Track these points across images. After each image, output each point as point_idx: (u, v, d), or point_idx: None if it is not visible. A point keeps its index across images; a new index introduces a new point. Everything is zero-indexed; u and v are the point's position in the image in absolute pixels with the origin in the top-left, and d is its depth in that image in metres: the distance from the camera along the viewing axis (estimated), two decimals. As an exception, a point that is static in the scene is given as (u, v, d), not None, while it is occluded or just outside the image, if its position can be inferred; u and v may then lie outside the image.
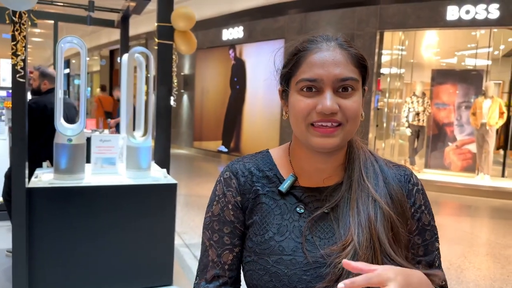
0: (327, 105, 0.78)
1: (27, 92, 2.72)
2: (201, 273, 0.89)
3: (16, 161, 2.66)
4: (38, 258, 2.71)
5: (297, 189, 0.87)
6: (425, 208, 0.88)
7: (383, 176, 0.87)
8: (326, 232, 0.83)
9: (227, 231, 0.87)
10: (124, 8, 6.12)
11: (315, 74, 0.80)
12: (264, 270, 0.82)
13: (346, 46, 0.83)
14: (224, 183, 0.89)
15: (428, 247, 0.87)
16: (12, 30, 2.53)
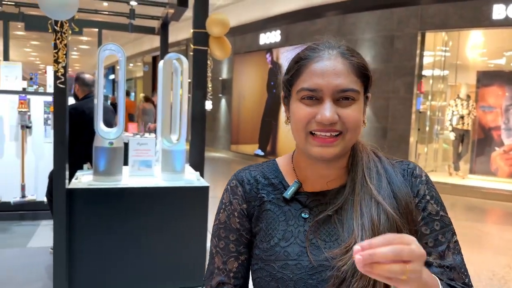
0: (326, 115, 0.79)
1: (67, 98, 2.85)
2: (207, 280, 0.90)
3: (57, 163, 2.79)
4: (77, 255, 2.83)
5: (302, 194, 0.88)
6: (430, 198, 0.85)
7: (386, 176, 0.86)
8: (330, 235, 0.83)
9: (232, 239, 0.89)
10: (164, 15, 6.30)
11: (315, 84, 0.80)
12: (271, 276, 0.82)
13: (348, 55, 0.83)
14: (231, 191, 0.91)
15: (438, 238, 0.83)
16: (54, 38, 2.66)
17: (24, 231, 4.38)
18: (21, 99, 4.60)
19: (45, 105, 4.79)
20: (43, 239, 4.02)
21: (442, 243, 0.83)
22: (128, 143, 3.34)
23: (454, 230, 0.87)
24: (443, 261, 0.82)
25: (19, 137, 4.68)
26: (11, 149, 4.70)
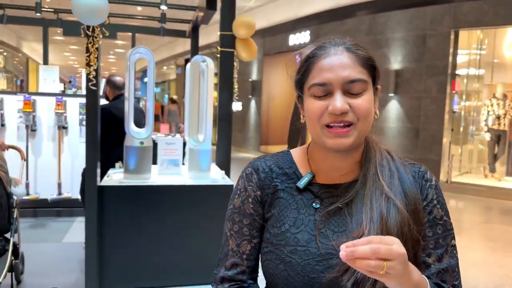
0: (337, 106, 0.83)
1: (99, 99, 2.99)
2: (221, 261, 0.95)
3: (89, 161, 2.93)
4: (107, 249, 2.96)
5: (314, 185, 0.92)
6: (437, 203, 0.90)
7: (398, 175, 0.89)
8: (339, 226, 0.87)
9: (246, 223, 0.93)
10: (194, 19, 6.44)
11: (325, 78, 0.84)
12: (280, 259, 0.87)
13: (353, 49, 0.87)
14: (246, 178, 0.96)
15: (439, 241, 0.88)
16: (86, 43, 2.80)
17: (60, 227, 4.60)
18: (58, 101, 4.83)
19: (80, 106, 5.00)
20: (77, 234, 4.20)
21: (442, 246, 0.88)
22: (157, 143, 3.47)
23: (454, 235, 0.91)
24: (440, 264, 0.87)
25: (56, 137, 4.92)
26: (49, 149, 4.94)
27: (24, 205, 4.61)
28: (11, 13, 8.25)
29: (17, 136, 4.76)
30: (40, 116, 4.90)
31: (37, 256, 3.56)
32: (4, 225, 2.80)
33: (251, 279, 0.94)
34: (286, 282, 0.86)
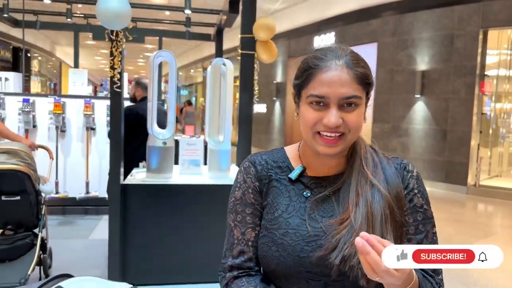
0: (332, 120, 0.90)
1: (122, 101, 3.10)
2: (228, 251, 1.01)
3: (112, 160, 3.04)
4: (130, 245, 3.06)
5: (305, 177, 1.01)
6: (418, 192, 0.97)
7: (381, 165, 0.97)
8: (327, 212, 0.95)
9: (248, 212, 1.00)
10: (218, 22, 6.55)
11: (323, 92, 0.91)
12: (272, 242, 0.94)
13: (352, 66, 0.92)
14: (245, 172, 1.03)
15: (419, 227, 0.95)
16: (110, 47, 2.92)
17: (87, 224, 4.77)
18: (86, 103, 5.01)
19: (107, 108, 5.16)
20: (103, 232, 4.33)
21: (422, 232, 0.95)
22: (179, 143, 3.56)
23: (434, 223, 0.97)
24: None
25: (84, 138, 5.10)
26: (77, 149, 5.13)
27: (53, 203, 4.81)
28: (44, 19, 8.61)
29: (47, 137, 4.96)
30: (69, 117, 5.09)
31: (65, 251, 3.71)
32: (33, 221, 2.94)
33: (257, 266, 0.99)
34: (278, 262, 0.93)
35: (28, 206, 2.88)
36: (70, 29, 9.13)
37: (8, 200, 2.83)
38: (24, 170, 2.79)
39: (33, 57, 15.81)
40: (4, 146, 2.89)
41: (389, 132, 8.84)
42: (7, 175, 2.77)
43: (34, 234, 2.94)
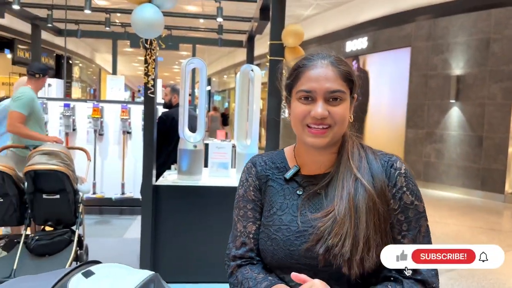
0: (318, 111, 0.98)
1: (156, 106, 3.26)
2: (232, 243, 1.11)
3: (145, 162, 3.20)
4: (160, 244, 3.20)
5: (299, 176, 1.08)
6: (406, 190, 1.00)
7: (367, 160, 1.03)
8: (316, 207, 1.02)
9: (249, 208, 1.09)
10: (250, 30, 6.68)
11: (311, 86, 1.00)
12: (268, 237, 1.04)
13: (337, 64, 1.01)
14: (247, 172, 1.13)
15: (411, 224, 0.99)
16: (145, 54, 3.08)
17: (122, 224, 4.98)
18: (123, 108, 5.24)
19: (143, 113, 5.37)
20: (137, 231, 4.49)
21: (415, 228, 1.00)
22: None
23: (426, 216, 1.02)
24: (414, 244, 0.98)
25: (120, 141, 5.33)
26: (114, 152, 5.37)
27: (90, 203, 5.05)
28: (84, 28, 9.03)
29: (86, 140, 5.22)
30: (107, 121, 5.34)
31: (100, 249, 3.90)
32: (71, 218, 3.12)
33: (258, 256, 1.08)
34: (272, 255, 1.02)
35: (66, 204, 3.06)
36: (109, 37, 9.54)
37: (48, 199, 3.02)
38: (63, 171, 2.98)
39: (74, 64, 16.52)
40: (45, 148, 3.08)
41: (423, 138, 8.69)
42: (48, 175, 2.95)
43: (72, 231, 3.12)
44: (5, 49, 12.14)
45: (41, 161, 2.97)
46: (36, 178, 2.95)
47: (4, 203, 2.98)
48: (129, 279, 1.05)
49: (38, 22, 7.48)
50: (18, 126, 3.55)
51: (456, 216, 6.23)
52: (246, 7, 7.58)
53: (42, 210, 3.04)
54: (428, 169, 8.56)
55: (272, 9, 3.98)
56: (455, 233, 5.38)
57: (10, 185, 2.95)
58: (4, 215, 3.02)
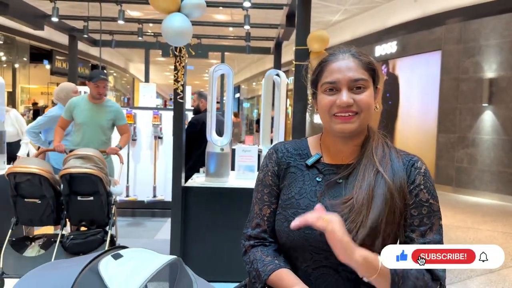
0: (344, 99, 1.04)
1: (184, 110, 3.39)
2: (249, 223, 1.19)
3: (175, 165, 3.33)
4: (189, 243, 3.32)
5: (321, 164, 1.13)
6: (424, 188, 1.05)
7: (390, 157, 1.08)
8: (335, 196, 1.07)
9: (266, 192, 1.16)
10: (277, 36, 6.78)
11: (334, 78, 1.06)
12: (285, 219, 1.09)
13: (357, 56, 1.08)
14: (268, 157, 1.19)
15: (423, 220, 1.03)
16: (175, 61, 3.22)
17: (153, 226, 5.14)
18: (155, 114, 5.43)
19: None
20: (168, 233, 4.65)
21: (426, 225, 1.03)
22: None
23: (441, 216, 1.05)
24: (423, 239, 1.02)
25: (152, 146, 5.52)
26: (146, 156, 5.56)
27: (123, 206, 5.25)
28: (118, 38, 9.39)
29: (120, 145, 5.44)
30: (139, 127, 5.54)
31: (133, 249, 4.06)
32: (104, 219, 3.27)
33: (271, 238, 1.15)
34: (287, 236, 1.08)
35: (100, 206, 3.19)
36: (141, 46, 9.86)
37: (83, 200, 3.16)
38: (97, 174, 3.12)
39: (109, 74, 17.11)
40: (79, 152, 3.23)
41: (456, 143, 8.51)
42: (82, 178, 3.10)
43: (104, 231, 3.27)
44: (44, 60, 12.75)
45: (76, 165, 3.12)
46: (71, 181, 3.11)
47: (42, 205, 3.14)
48: (154, 261, 1.16)
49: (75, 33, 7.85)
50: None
51: (489, 222, 6.07)
52: (274, 15, 7.70)
53: (77, 211, 3.20)
54: (461, 175, 8.37)
55: (298, 15, 4.07)
56: (487, 238, 5.25)
57: (47, 188, 3.10)
58: (42, 216, 3.18)
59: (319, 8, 9.08)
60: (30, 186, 3.06)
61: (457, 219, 6.12)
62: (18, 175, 3.04)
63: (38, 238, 3.27)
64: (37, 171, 3.04)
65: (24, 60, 12.29)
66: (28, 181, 3.05)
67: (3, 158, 3.98)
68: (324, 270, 1.05)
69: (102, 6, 6.71)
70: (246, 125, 23.75)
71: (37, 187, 3.07)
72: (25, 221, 3.23)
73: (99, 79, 3.74)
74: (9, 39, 11.06)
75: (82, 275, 1.02)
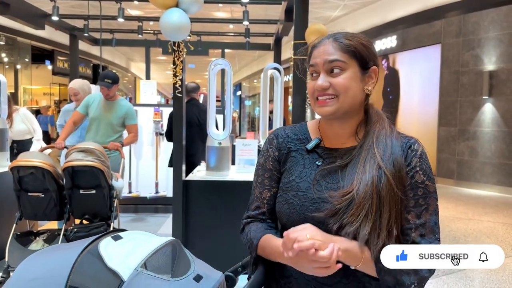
0: (318, 82, 1.07)
1: (184, 105, 3.43)
2: (249, 205, 1.23)
3: (175, 158, 3.37)
4: (190, 236, 3.36)
5: (320, 148, 1.15)
6: (419, 169, 1.06)
7: (391, 148, 1.07)
8: (333, 181, 1.09)
9: (267, 176, 1.19)
10: (276, 32, 6.82)
11: (314, 61, 1.10)
12: (285, 201, 1.12)
13: (339, 39, 1.09)
14: (268, 142, 1.22)
15: (419, 201, 1.04)
16: (173, 56, 3.26)
17: (156, 221, 5.20)
18: (156, 110, 5.48)
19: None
20: (170, 228, 4.68)
21: (421, 206, 1.04)
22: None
23: (437, 197, 1.07)
24: (419, 220, 1.03)
25: (154, 143, 5.57)
26: (148, 153, 5.61)
27: (126, 202, 5.30)
28: (118, 37, 9.44)
29: (122, 142, 5.49)
30: (141, 124, 5.56)
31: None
32: (106, 212, 3.32)
33: (269, 219, 1.20)
34: (288, 217, 1.11)
35: (102, 199, 3.26)
36: (142, 44, 9.91)
37: (85, 194, 3.22)
38: (99, 166, 3.18)
39: (111, 73, 17.17)
40: (81, 146, 3.30)
41: (456, 136, 8.53)
42: (84, 171, 3.16)
43: (107, 224, 3.32)
44: (46, 61, 12.81)
45: (78, 158, 3.18)
46: (74, 174, 3.16)
47: (45, 198, 3.19)
48: (153, 241, 1.20)
49: (75, 33, 7.90)
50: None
51: (490, 213, 6.10)
52: (274, 11, 7.73)
53: (80, 205, 3.25)
54: (462, 167, 8.39)
55: (295, 9, 4.09)
56: (488, 229, 5.28)
57: (50, 181, 3.15)
58: (46, 209, 3.23)
59: (319, 4, 9.09)
60: (33, 180, 3.11)
61: (458, 211, 6.14)
62: (21, 169, 3.09)
63: (42, 233, 3.33)
64: (40, 165, 3.09)
65: (26, 60, 12.36)
66: (31, 174, 3.09)
67: (6, 155, 4.04)
68: None
69: (102, 4, 6.75)
70: (248, 123, 23.77)
71: (40, 181, 3.12)
72: (29, 215, 3.27)
73: (100, 84, 3.96)
74: (10, 40, 11.13)
75: (82, 255, 1.07)
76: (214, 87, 3.71)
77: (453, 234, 5.04)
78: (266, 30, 8.19)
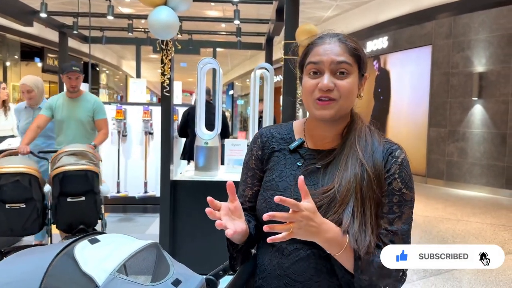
0: (324, 82, 1.03)
1: (172, 104, 3.39)
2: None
3: (163, 158, 3.34)
4: (178, 236, 3.33)
5: (303, 149, 1.14)
6: (398, 177, 1.04)
7: (372, 147, 1.07)
8: (313, 182, 1.08)
9: (250, 175, 1.20)
10: (268, 32, 6.79)
11: (318, 58, 1.05)
12: (264, 199, 1.13)
13: (344, 40, 1.07)
14: (253, 141, 1.21)
15: (393, 208, 1.03)
16: (161, 55, 3.23)
17: (144, 221, 5.16)
18: (145, 109, 5.43)
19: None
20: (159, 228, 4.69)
21: (395, 213, 1.03)
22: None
23: (412, 206, 1.05)
24: (390, 226, 1.02)
25: (143, 142, 5.52)
26: (137, 152, 5.56)
27: (115, 202, 5.25)
28: (109, 35, 9.35)
29: (110, 141, 5.41)
30: (130, 123, 5.53)
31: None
32: (96, 220, 3.18)
33: (249, 215, 1.19)
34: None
35: (93, 206, 3.07)
36: (132, 42, 9.84)
37: (73, 202, 2.96)
38: (94, 170, 3.05)
39: (102, 71, 17.03)
40: (70, 148, 3.12)
41: (446, 137, 8.57)
42: (76, 176, 2.95)
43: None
44: (36, 58, 12.66)
45: (71, 162, 2.97)
46: (63, 180, 2.90)
47: (27, 209, 2.84)
48: (131, 244, 1.17)
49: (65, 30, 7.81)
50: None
51: (478, 214, 6.13)
52: (266, 10, 7.71)
53: (66, 214, 2.97)
54: (451, 168, 8.44)
55: (286, 9, 4.07)
56: (476, 230, 5.31)
57: (36, 189, 2.87)
58: (26, 223, 2.87)
59: (311, 4, 9.09)
60: (13, 188, 2.78)
61: (447, 211, 6.18)
62: (3, 176, 2.76)
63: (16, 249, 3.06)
64: (26, 171, 2.83)
65: (15, 58, 12.20)
66: (15, 182, 2.79)
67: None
68: (297, 245, 1.06)
69: (92, 2, 6.68)
70: (240, 122, 23.73)
71: (23, 189, 2.81)
72: (3, 230, 2.88)
73: (70, 71, 3.57)
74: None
75: (57, 258, 1.04)
76: (203, 86, 3.68)
77: (441, 234, 5.06)
78: (258, 30, 8.17)
